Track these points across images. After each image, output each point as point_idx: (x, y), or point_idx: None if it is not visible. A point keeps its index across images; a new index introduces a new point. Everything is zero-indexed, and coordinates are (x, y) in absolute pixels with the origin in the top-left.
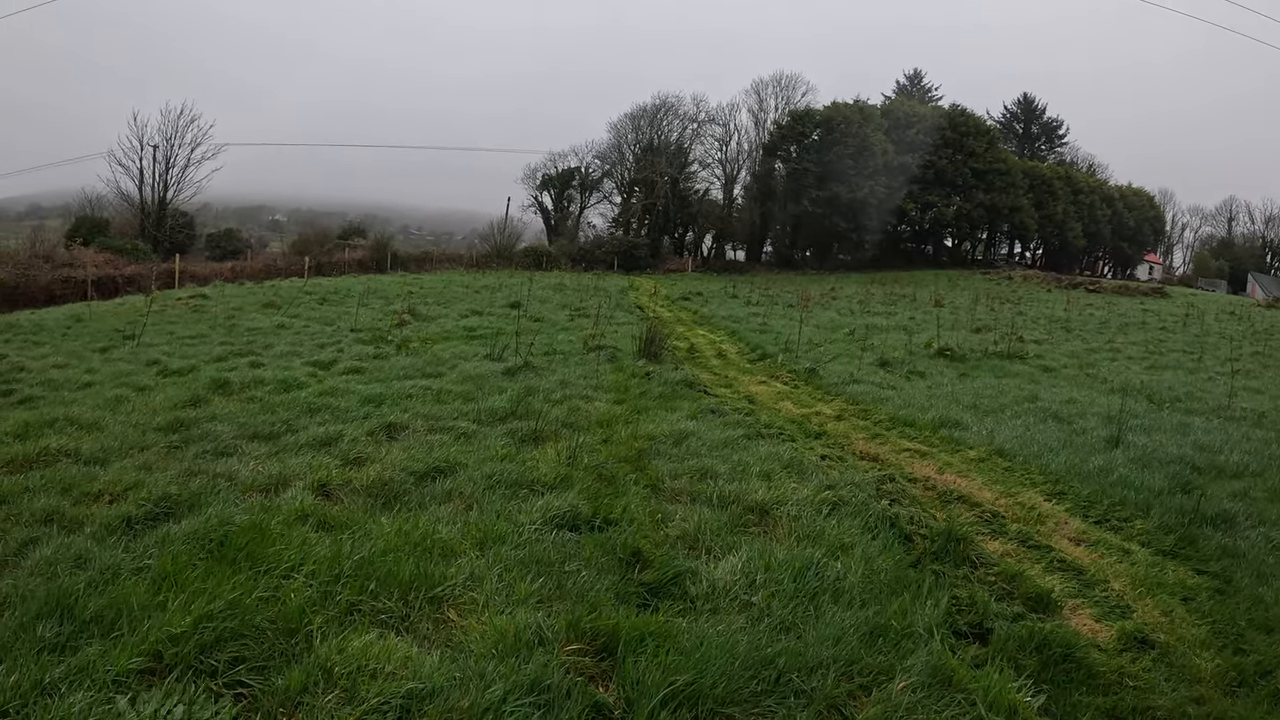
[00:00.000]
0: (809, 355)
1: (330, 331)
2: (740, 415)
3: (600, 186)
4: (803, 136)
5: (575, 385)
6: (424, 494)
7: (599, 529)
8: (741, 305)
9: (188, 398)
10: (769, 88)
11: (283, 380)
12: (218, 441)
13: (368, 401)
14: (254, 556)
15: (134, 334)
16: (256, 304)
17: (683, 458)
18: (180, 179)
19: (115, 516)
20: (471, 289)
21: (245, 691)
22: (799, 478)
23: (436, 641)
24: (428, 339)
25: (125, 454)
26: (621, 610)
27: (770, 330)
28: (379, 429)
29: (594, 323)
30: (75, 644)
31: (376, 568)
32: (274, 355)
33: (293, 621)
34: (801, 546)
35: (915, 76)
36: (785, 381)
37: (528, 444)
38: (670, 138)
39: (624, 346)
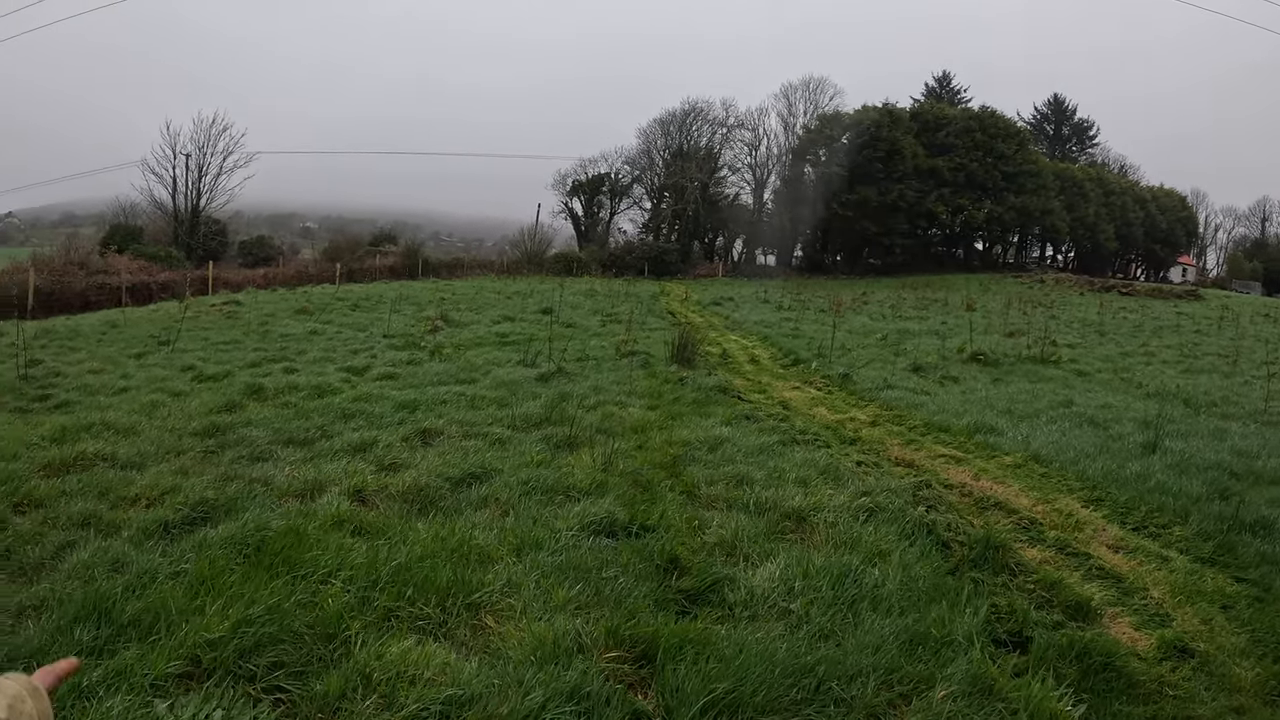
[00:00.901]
0: (842, 360)
1: (363, 337)
2: (775, 421)
3: (630, 192)
4: (831, 140)
5: (609, 391)
6: (460, 500)
7: (636, 535)
8: (773, 310)
9: (223, 403)
10: (797, 91)
11: (317, 386)
12: (253, 446)
13: (402, 407)
14: (291, 561)
15: (169, 340)
16: (289, 310)
17: (718, 464)
18: (213, 187)
19: (152, 521)
20: (503, 295)
21: (284, 697)
22: (835, 484)
23: (475, 648)
24: (461, 345)
25: (161, 458)
26: (660, 617)
27: (802, 335)
28: (414, 434)
29: (626, 328)
30: (113, 647)
31: (414, 574)
32: (307, 361)
33: (331, 627)
34: (839, 553)
35: (944, 79)
36: (819, 387)
37: (563, 450)
38: (700, 143)
39: (656, 352)
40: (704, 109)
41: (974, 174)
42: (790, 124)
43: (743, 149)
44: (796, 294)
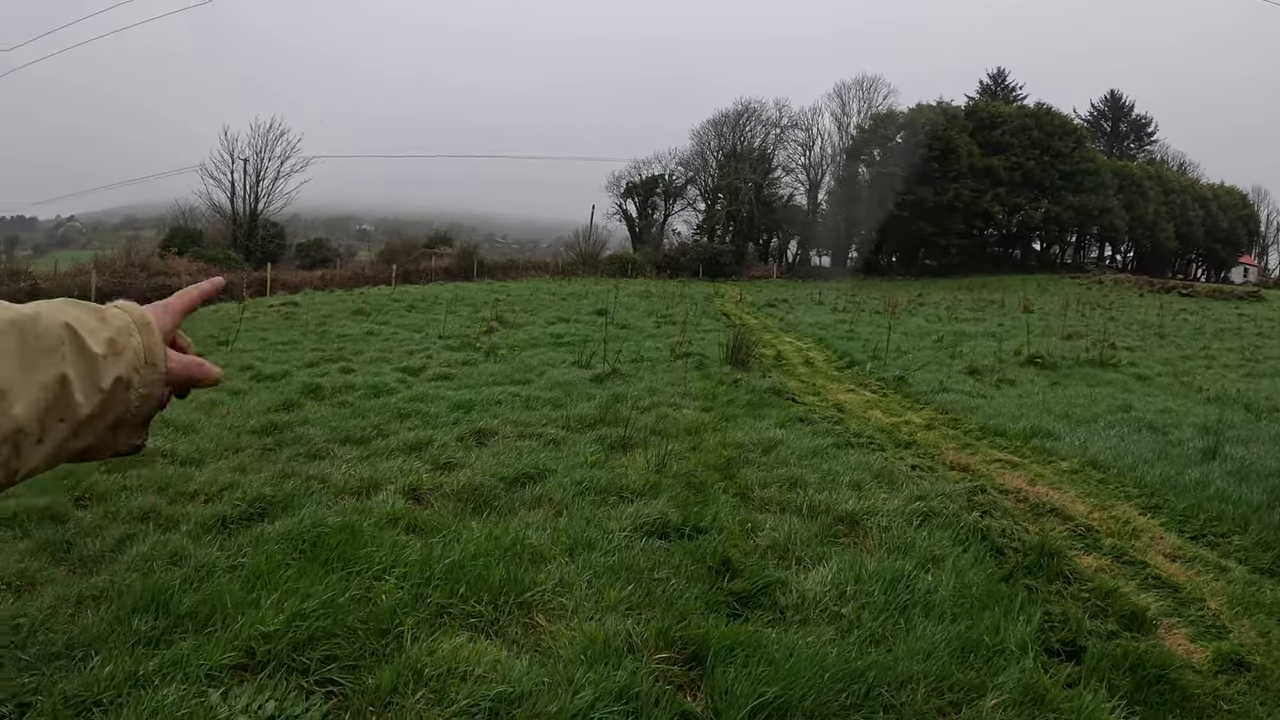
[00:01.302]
0: (897, 363)
1: (419, 338)
2: (829, 424)
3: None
4: (886, 140)
5: (663, 392)
6: (514, 499)
7: (688, 537)
8: (828, 312)
9: (280, 402)
10: (850, 91)
11: (373, 385)
12: (310, 445)
13: (457, 407)
14: (346, 558)
15: (228, 340)
16: (346, 311)
17: (772, 466)
18: (270, 191)
19: (210, 516)
20: (558, 296)
21: (336, 690)
22: (889, 488)
23: (526, 646)
24: (515, 346)
25: (220, 455)
26: (711, 619)
27: (857, 337)
28: (469, 434)
29: (681, 330)
30: (169, 638)
31: (467, 571)
32: (364, 361)
33: (384, 622)
34: (892, 558)
35: (999, 75)
36: (874, 389)
37: (616, 451)
38: (753, 143)
39: (711, 354)
40: (757, 109)
41: (1031, 173)
42: (844, 124)
43: (797, 149)
44: (851, 296)
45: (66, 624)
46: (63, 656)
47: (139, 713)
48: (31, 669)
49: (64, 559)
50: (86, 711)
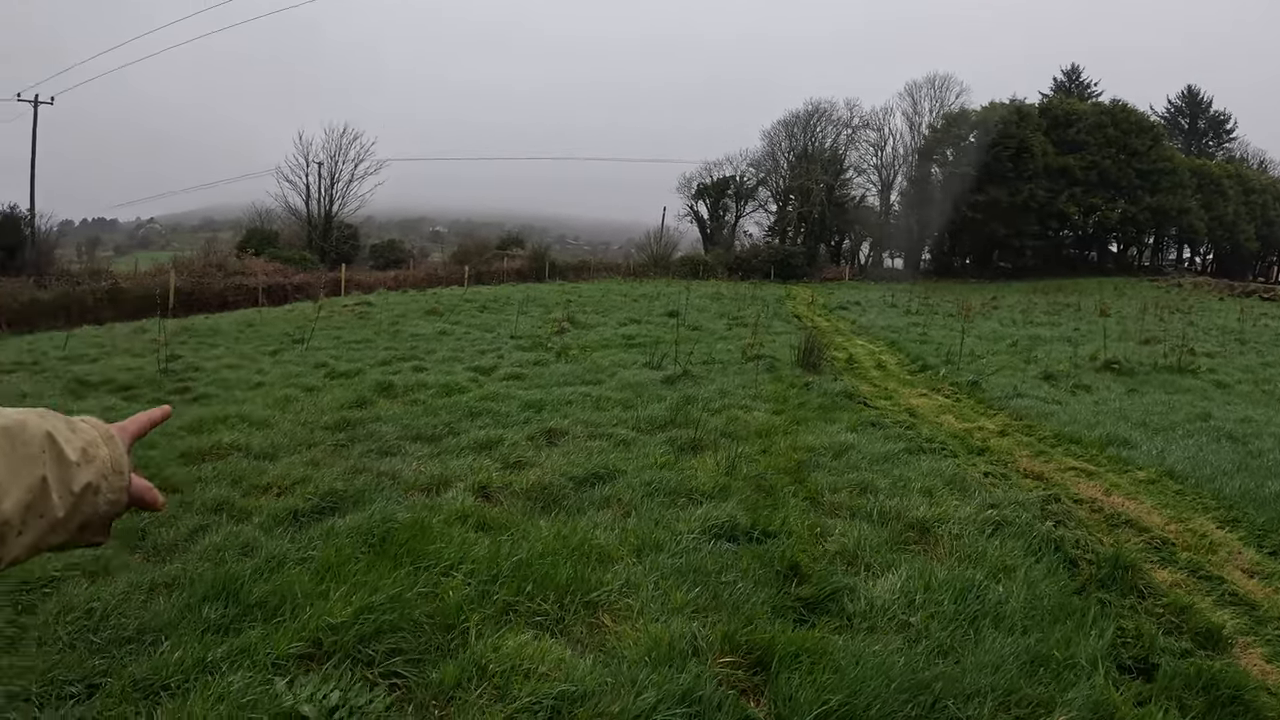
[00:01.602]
0: (971, 367)
1: (490, 338)
2: (901, 429)
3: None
4: (959, 139)
5: (734, 394)
6: (582, 499)
7: (757, 541)
8: (900, 315)
9: (353, 399)
10: (922, 90)
11: (445, 384)
12: (382, 441)
13: (528, 407)
14: (414, 553)
15: (303, 338)
16: (419, 311)
17: (842, 471)
18: (344, 193)
19: (282, 509)
20: (629, 298)
21: (400, 682)
22: (961, 495)
23: (590, 646)
24: (587, 346)
25: (293, 450)
26: (777, 624)
27: (930, 341)
28: (539, 434)
29: (752, 332)
30: (238, 626)
31: (534, 570)
32: (436, 360)
33: (450, 618)
34: (963, 567)
35: (1072, 72)
36: (947, 394)
37: (686, 452)
38: (824, 144)
39: (782, 356)
40: (827, 109)
41: (1107, 172)
42: (915, 123)
43: (868, 149)
44: (924, 298)
45: (138, 610)
46: (133, 641)
47: (205, 698)
48: (102, 652)
49: (138, 547)
50: (154, 695)
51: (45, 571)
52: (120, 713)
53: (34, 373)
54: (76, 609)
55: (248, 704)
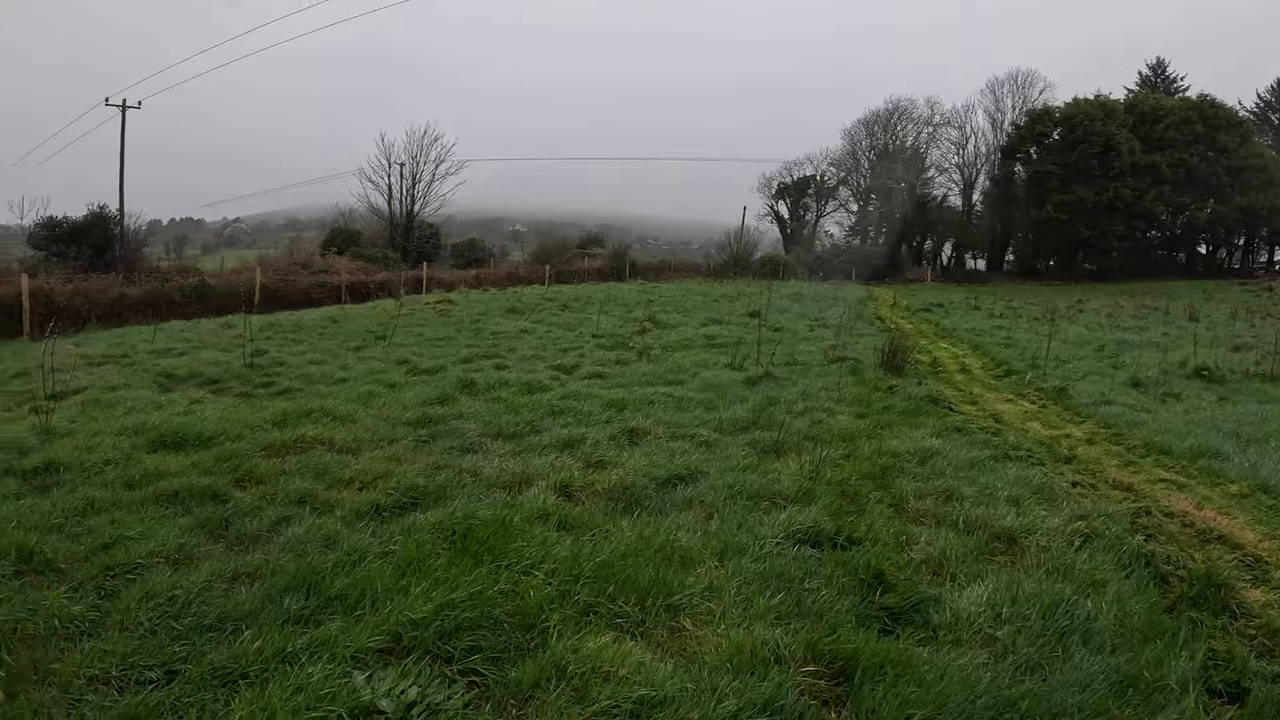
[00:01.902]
0: (1057, 372)
1: (572, 337)
2: (986, 435)
3: (836, 194)
4: (1042, 137)
5: (816, 397)
6: (664, 500)
7: (841, 547)
8: (984, 317)
9: (435, 396)
10: (1004, 86)
11: (526, 382)
12: (463, 438)
13: (609, 406)
14: (495, 551)
15: (385, 335)
16: (500, 309)
17: (927, 477)
18: (425, 193)
19: (364, 503)
20: (710, 298)
21: (478, 680)
22: (1049, 505)
23: (671, 650)
24: (668, 346)
25: (376, 445)
26: (861, 634)
27: (1015, 344)
28: (621, 433)
29: (835, 333)
30: (318, 618)
31: (615, 571)
32: (517, 358)
33: (530, 617)
34: (1051, 580)
35: (1158, 66)
36: (1032, 400)
37: (769, 455)
38: (905, 142)
39: (865, 359)
40: (908, 107)
41: (1195, 170)
42: (998, 120)
43: (950, 148)
44: (1008, 300)
45: (220, 598)
46: (214, 629)
47: (284, 688)
48: (183, 639)
49: (221, 536)
50: (233, 683)
51: (130, 557)
52: (198, 700)
53: (123, 366)
54: (159, 595)
55: (325, 696)
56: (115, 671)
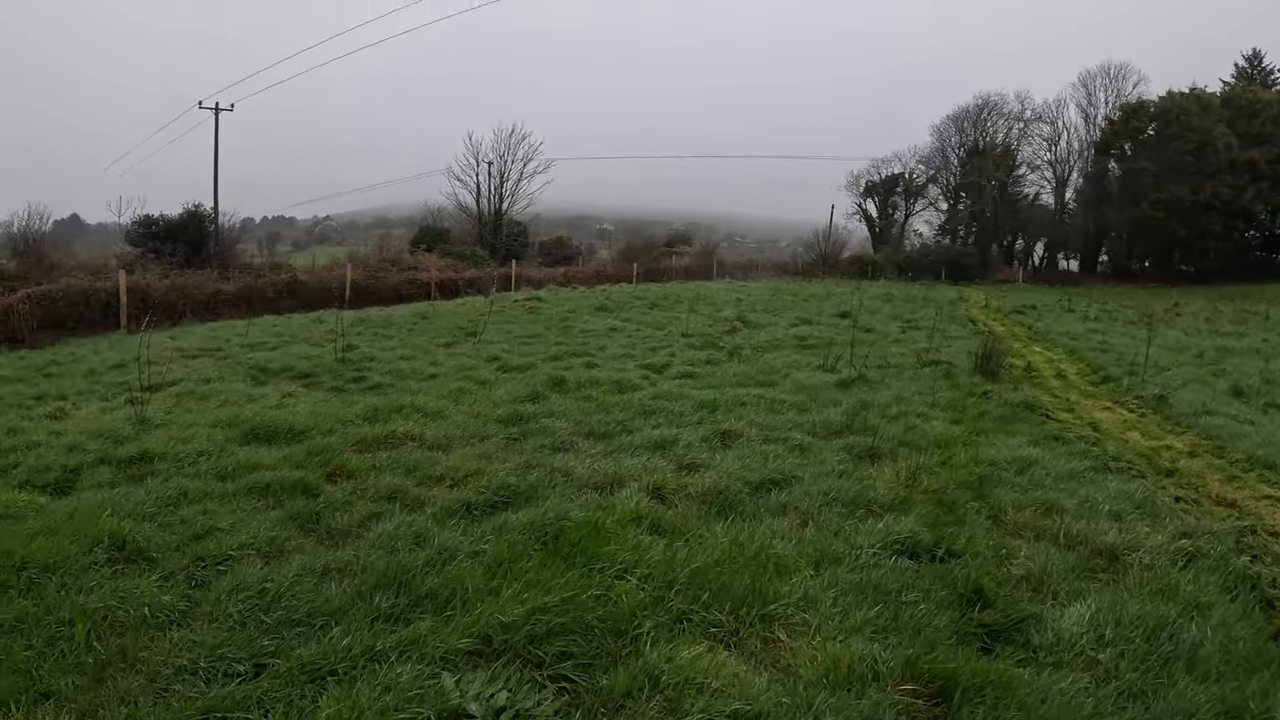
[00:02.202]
0: (1155, 380)
1: (661, 336)
2: (1085, 444)
3: (925, 193)
4: (1137, 132)
5: (910, 401)
6: (758, 505)
7: (939, 560)
8: (1078, 320)
9: (526, 393)
10: (1096, 80)
11: (616, 381)
12: (554, 437)
13: (701, 407)
14: (588, 554)
15: (475, 331)
16: (589, 307)
17: (1025, 488)
18: (513, 192)
19: (455, 500)
20: (799, 297)
21: (568, 687)
22: (1151, 521)
23: (765, 662)
24: (758, 347)
25: (466, 442)
26: (960, 653)
27: (1111, 349)
28: (713, 435)
29: (928, 336)
30: (408, 617)
31: (709, 578)
32: (607, 357)
33: (622, 623)
34: (1155, 602)
35: (1254, 57)
36: (1131, 409)
37: (864, 461)
38: (995, 139)
39: (959, 362)
40: (998, 103)
41: None
42: (1090, 115)
43: (1041, 144)
44: (1103, 303)
45: (310, 593)
46: (303, 624)
47: (372, 686)
48: (272, 633)
49: (312, 530)
50: (320, 679)
51: (221, 549)
52: (285, 695)
53: (217, 359)
54: (249, 588)
55: (414, 697)
56: (203, 662)
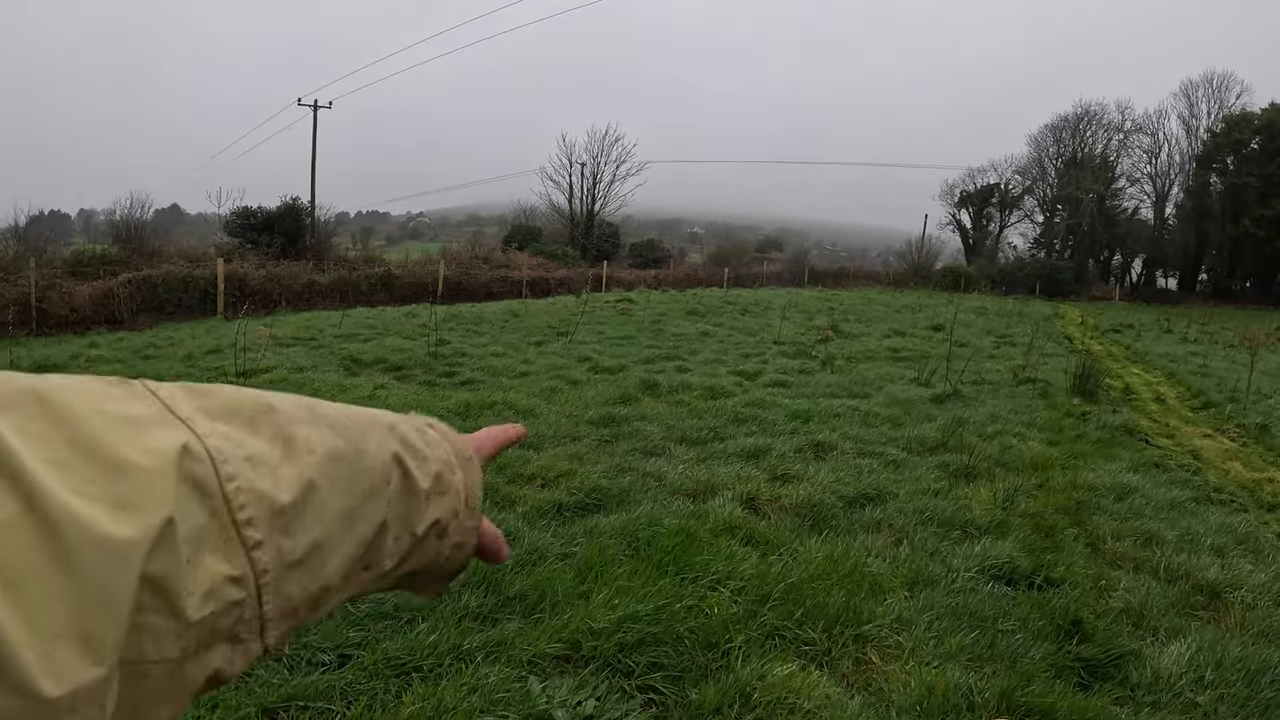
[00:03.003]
0: (1258, 408)
1: (753, 342)
2: (1186, 473)
3: (1021, 204)
4: (1240, 145)
5: (1006, 420)
6: (852, 521)
7: (1037, 588)
8: (1177, 342)
9: (618, 395)
10: (1199, 90)
11: (709, 387)
12: (646, 440)
13: (794, 416)
14: (680, 562)
15: (566, 331)
16: (680, 311)
17: (1125, 516)
18: (606, 193)
19: (546, 500)
20: (891, 308)
21: (657, 699)
22: (1254, 558)
23: (857, 684)
24: (851, 357)
25: (558, 442)
26: (1057, 686)
27: (1212, 373)
28: (806, 446)
29: (1024, 353)
30: (496, 617)
31: (804, 594)
32: (699, 361)
33: (714, 636)
34: (1257, 644)
35: None
36: (1232, 437)
37: (959, 480)
38: (1094, 150)
39: (1055, 381)
40: (1097, 112)
41: None
42: (1193, 127)
43: (1141, 156)
44: (1202, 324)
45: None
46: (390, 618)
47: (458, 686)
48: (358, 625)
49: None
50: (405, 675)
51: None
52: (369, 688)
53: (311, 348)
54: None
55: (500, 700)
56: (287, 650)
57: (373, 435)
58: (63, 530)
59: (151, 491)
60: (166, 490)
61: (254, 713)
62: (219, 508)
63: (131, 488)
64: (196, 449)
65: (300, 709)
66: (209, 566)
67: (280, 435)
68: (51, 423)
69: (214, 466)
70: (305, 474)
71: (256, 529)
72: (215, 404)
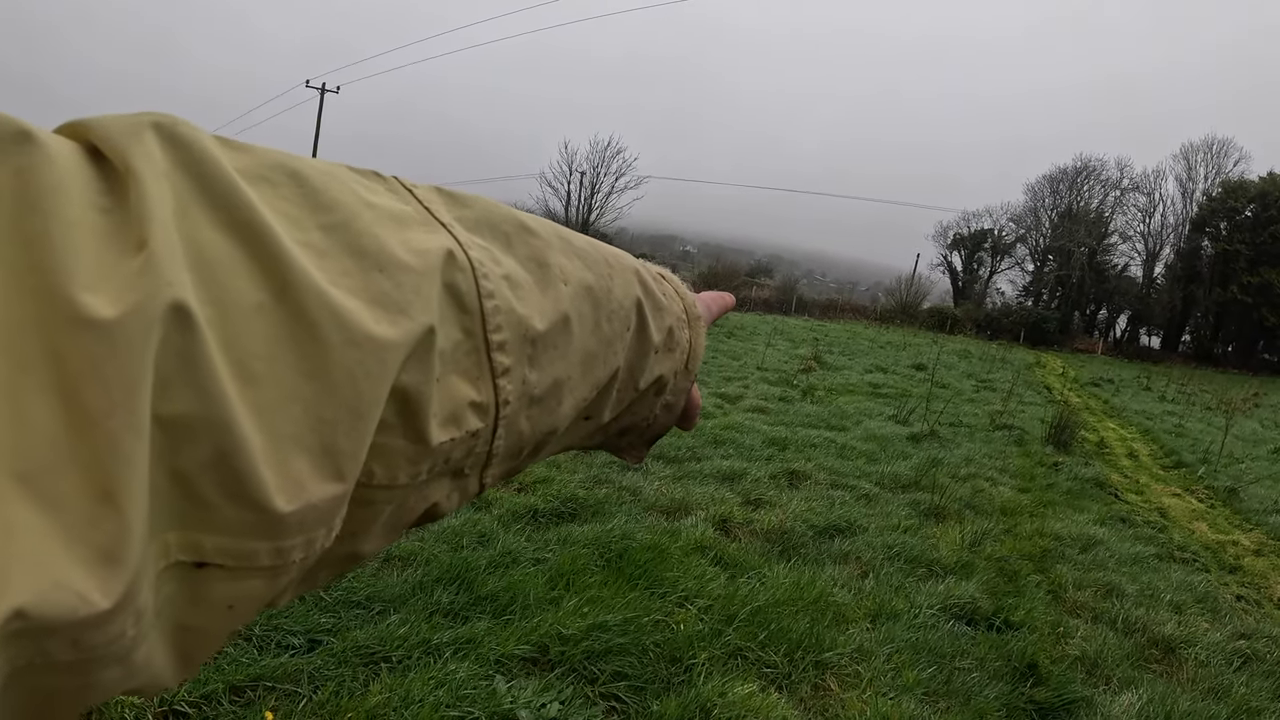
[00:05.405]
0: (1229, 471)
1: (736, 366)
2: (1152, 530)
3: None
4: (1235, 212)
5: (979, 463)
6: (821, 550)
7: (997, 629)
8: (1155, 400)
9: None
10: (1198, 154)
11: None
12: None
13: (771, 443)
14: (650, 577)
15: None
16: None
17: (1088, 567)
18: (603, 204)
19: (522, 505)
20: (875, 343)
21: (619, 707)
22: (1211, 616)
23: (814, 709)
24: (833, 389)
25: None
26: None
27: (1186, 434)
28: (781, 473)
29: (1003, 399)
30: (467, 615)
31: (769, 618)
32: None
33: (679, 651)
34: (1206, 700)
35: None
36: (1200, 498)
37: (929, 519)
38: (1090, 204)
39: (1031, 429)
40: (1096, 167)
41: None
42: (1189, 190)
43: (1136, 215)
44: (1181, 384)
45: (371, 578)
46: (361, 607)
47: (426, 679)
48: (330, 611)
49: None
50: (374, 664)
51: None
52: (338, 674)
53: None
54: None
55: (466, 696)
56: (258, 630)
57: (620, 276)
58: (318, 323)
59: (419, 293)
60: (432, 295)
61: (221, 689)
62: (474, 326)
63: (396, 286)
64: (460, 258)
65: (268, 689)
66: (455, 388)
67: (535, 258)
68: (309, 206)
69: (475, 280)
70: (560, 305)
71: (507, 354)
72: (472, 215)
